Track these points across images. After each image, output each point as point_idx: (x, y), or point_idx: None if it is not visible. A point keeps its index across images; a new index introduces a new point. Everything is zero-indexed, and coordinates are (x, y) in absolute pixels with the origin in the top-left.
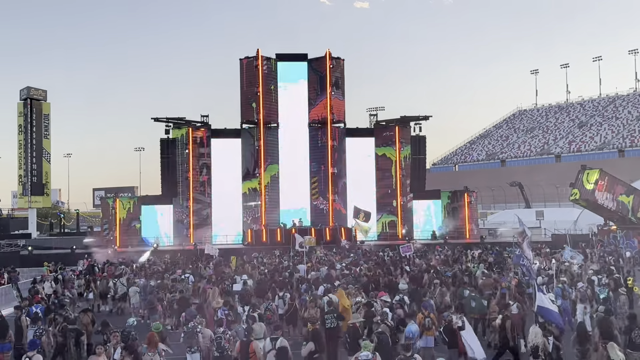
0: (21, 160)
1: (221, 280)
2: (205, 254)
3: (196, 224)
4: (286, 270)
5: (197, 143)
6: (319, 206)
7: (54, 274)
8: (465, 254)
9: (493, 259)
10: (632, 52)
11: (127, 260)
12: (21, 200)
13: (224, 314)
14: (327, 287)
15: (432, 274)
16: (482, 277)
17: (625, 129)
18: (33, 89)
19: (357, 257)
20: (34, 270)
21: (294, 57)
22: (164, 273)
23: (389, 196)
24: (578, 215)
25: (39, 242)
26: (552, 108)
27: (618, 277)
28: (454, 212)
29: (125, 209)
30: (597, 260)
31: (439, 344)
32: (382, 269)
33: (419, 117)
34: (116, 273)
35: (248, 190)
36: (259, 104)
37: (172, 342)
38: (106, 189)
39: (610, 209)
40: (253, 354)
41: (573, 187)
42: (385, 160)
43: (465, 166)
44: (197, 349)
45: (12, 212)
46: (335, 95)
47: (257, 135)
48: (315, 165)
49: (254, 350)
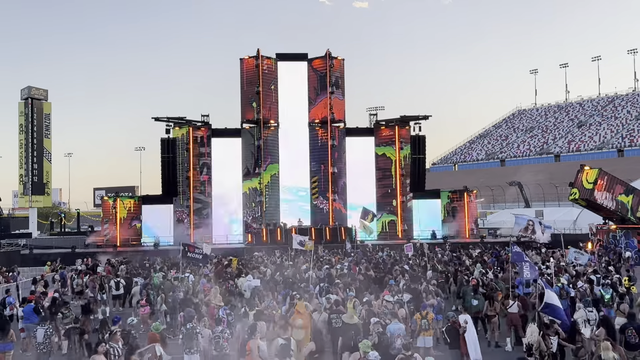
0: (22, 160)
1: (223, 280)
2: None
3: (196, 223)
4: (287, 269)
5: (197, 142)
6: (319, 206)
7: (53, 273)
8: (467, 253)
9: (488, 258)
10: (631, 52)
11: (127, 259)
12: (22, 199)
13: (225, 314)
14: (326, 286)
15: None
16: (479, 276)
17: (624, 128)
18: (34, 89)
19: (358, 257)
20: (34, 269)
21: (294, 57)
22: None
23: (389, 196)
24: (577, 215)
25: (39, 241)
26: (551, 108)
27: (618, 278)
28: (453, 211)
29: (125, 208)
30: (596, 260)
31: (440, 344)
32: (380, 268)
33: (419, 116)
34: (117, 272)
35: (248, 190)
36: (260, 103)
37: (172, 342)
38: (107, 189)
39: (609, 208)
40: (249, 352)
41: (572, 187)
42: (385, 160)
43: (464, 166)
44: (196, 350)
45: (13, 212)
46: (335, 95)
47: (257, 134)
48: (315, 164)
49: (250, 349)
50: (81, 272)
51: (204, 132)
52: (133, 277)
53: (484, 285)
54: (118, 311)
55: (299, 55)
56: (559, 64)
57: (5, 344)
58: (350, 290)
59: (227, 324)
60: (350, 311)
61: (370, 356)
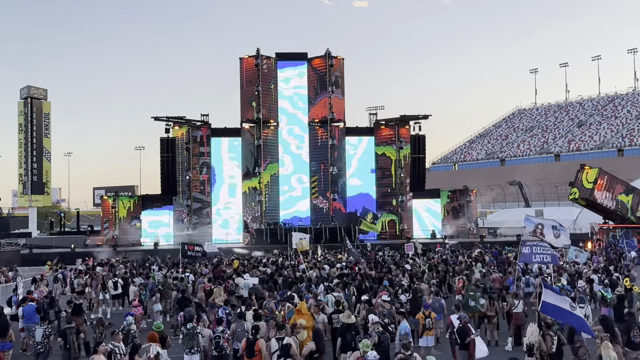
0: (21, 159)
1: (222, 280)
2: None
3: (196, 222)
4: (287, 269)
5: (197, 142)
6: (318, 205)
7: (54, 272)
8: (469, 253)
9: (489, 258)
10: (631, 52)
11: (127, 258)
12: (21, 199)
13: (225, 313)
14: (330, 286)
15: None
16: (480, 276)
17: (624, 128)
18: (33, 88)
19: (358, 257)
20: (34, 269)
21: (293, 57)
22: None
23: (389, 195)
24: (577, 215)
25: (39, 241)
26: (551, 107)
27: (617, 277)
28: (453, 211)
29: (125, 208)
30: (597, 259)
31: (440, 343)
32: (379, 268)
33: (419, 116)
34: (116, 272)
35: (248, 189)
36: (259, 103)
37: (173, 342)
38: (106, 188)
39: (609, 208)
40: (259, 352)
41: (572, 186)
42: (385, 159)
43: (464, 165)
44: (197, 350)
45: (13, 211)
46: (334, 95)
47: (257, 134)
48: (315, 164)
49: (260, 349)
50: (81, 272)
51: (203, 131)
52: (132, 277)
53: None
54: (117, 311)
55: (299, 55)
56: (559, 64)
57: (4, 343)
58: (348, 289)
59: (227, 324)
60: (347, 311)
61: (369, 356)
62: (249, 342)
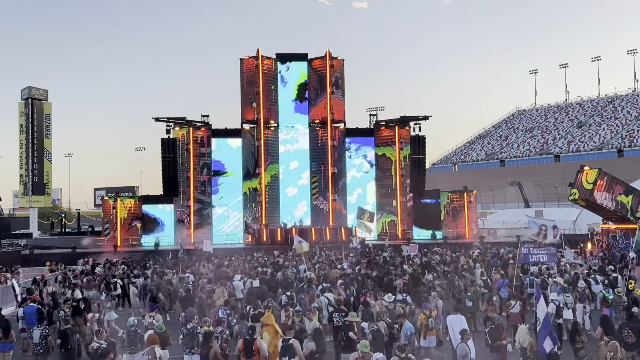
0: (22, 160)
1: (224, 280)
2: (204, 252)
3: (197, 223)
4: (287, 269)
5: (197, 143)
6: (319, 206)
7: (55, 273)
8: (467, 253)
9: (489, 258)
10: (631, 52)
11: (127, 259)
12: (22, 199)
13: (225, 314)
14: (327, 286)
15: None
16: (480, 276)
17: (624, 128)
18: (34, 89)
19: (358, 257)
20: (34, 269)
21: (294, 57)
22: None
23: (389, 196)
24: (577, 215)
25: (39, 241)
26: (551, 108)
27: (615, 277)
28: (453, 212)
29: (126, 208)
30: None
31: (442, 343)
32: (380, 269)
33: (419, 117)
34: (115, 272)
35: (248, 190)
36: (259, 103)
37: (173, 341)
38: (107, 189)
39: (609, 208)
40: (257, 352)
41: (572, 187)
42: (385, 160)
43: (464, 166)
44: (197, 350)
45: (13, 212)
46: (335, 95)
47: (257, 135)
48: (316, 165)
49: (258, 348)
50: (82, 273)
51: (204, 132)
52: (132, 278)
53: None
54: (117, 311)
55: (299, 55)
56: (559, 64)
57: (5, 344)
58: (348, 289)
59: (227, 324)
60: (352, 312)
61: (376, 358)
62: (246, 343)
